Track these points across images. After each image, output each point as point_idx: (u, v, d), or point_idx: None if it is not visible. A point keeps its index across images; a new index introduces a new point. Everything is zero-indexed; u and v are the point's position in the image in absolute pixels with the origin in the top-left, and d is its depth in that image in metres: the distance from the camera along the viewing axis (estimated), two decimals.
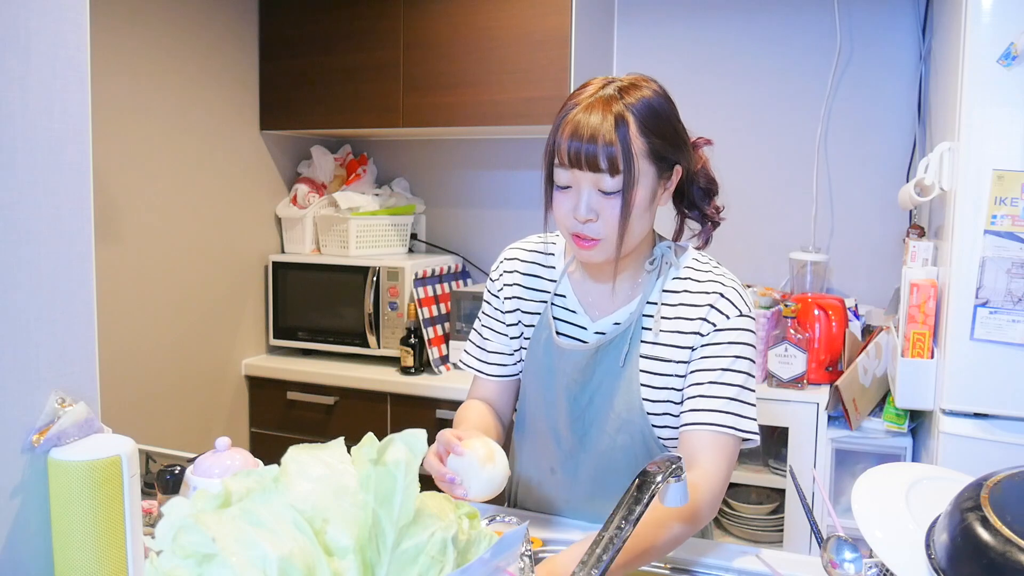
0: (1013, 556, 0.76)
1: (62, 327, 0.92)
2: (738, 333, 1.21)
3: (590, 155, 1.13)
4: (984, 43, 1.67)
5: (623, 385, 1.24)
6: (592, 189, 1.16)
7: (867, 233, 2.62)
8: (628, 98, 1.15)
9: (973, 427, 1.74)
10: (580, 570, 0.78)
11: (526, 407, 1.36)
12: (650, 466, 0.92)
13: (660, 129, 1.17)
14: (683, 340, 1.23)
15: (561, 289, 1.32)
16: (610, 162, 1.13)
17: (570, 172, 1.16)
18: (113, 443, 0.89)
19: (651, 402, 1.24)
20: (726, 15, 2.72)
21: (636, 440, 1.25)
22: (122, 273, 2.42)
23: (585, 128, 1.13)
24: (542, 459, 1.34)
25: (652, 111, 1.16)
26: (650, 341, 1.24)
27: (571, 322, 1.31)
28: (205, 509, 0.71)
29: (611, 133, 1.12)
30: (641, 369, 1.24)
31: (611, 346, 1.25)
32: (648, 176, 1.17)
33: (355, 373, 2.68)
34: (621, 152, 1.13)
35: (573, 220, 1.18)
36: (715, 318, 1.21)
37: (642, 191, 1.16)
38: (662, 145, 1.17)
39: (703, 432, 1.19)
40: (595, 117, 1.14)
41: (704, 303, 1.22)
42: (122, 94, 2.39)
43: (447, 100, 2.66)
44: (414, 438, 0.77)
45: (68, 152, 0.92)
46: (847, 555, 0.95)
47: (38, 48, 0.88)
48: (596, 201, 1.16)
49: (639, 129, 1.14)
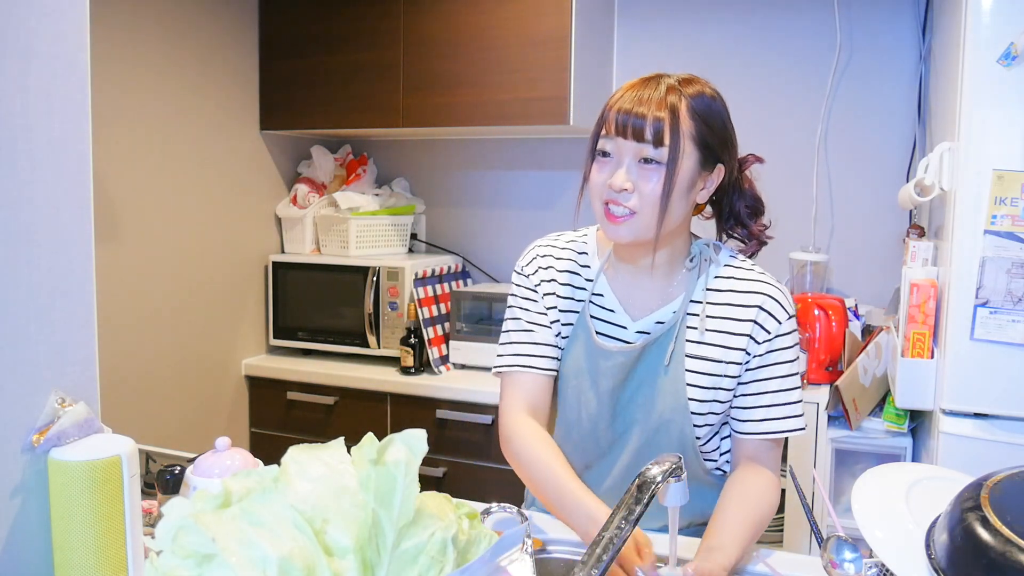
0: (1013, 556, 0.76)
1: (62, 327, 0.92)
2: (791, 336, 1.25)
3: (637, 125, 1.15)
4: (984, 43, 1.67)
5: (668, 385, 1.24)
6: (633, 160, 1.17)
7: (867, 233, 2.62)
8: (683, 85, 1.19)
9: (973, 427, 1.74)
10: (580, 570, 0.78)
11: (562, 409, 1.34)
12: (650, 466, 0.92)
13: (709, 118, 1.19)
14: (733, 341, 1.23)
15: (598, 288, 1.31)
16: (656, 134, 1.14)
17: (614, 141, 1.17)
18: (113, 443, 0.89)
19: (698, 402, 1.23)
20: (726, 15, 2.72)
21: (673, 439, 1.25)
22: (122, 273, 2.42)
23: (636, 100, 1.16)
24: (576, 457, 1.31)
25: (704, 100, 1.19)
26: (696, 340, 1.24)
27: (610, 321, 1.29)
28: (205, 509, 0.71)
29: (661, 107, 1.15)
30: (687, 369, 1.23)
31: (655, 345, 1.25)
32: (691, 159, 1.18)
33: (355, 373, 2.68)
34: (669, 125, 1.15)
35: (607, 189, 1.18)
36: (768, 324, 1.23)
37: (684, 171, 1.17)
38: (709, 133, 1.19)
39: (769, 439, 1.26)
40: (647, 90, 1.17)
41: (753, 304, 1.24)
42: (122, 94, 2.39)
43: (447, 100, 2.66)
44: (414, 438, 0.77)
45: (68, 152, 0.92)
46: (847, 555, 0.95)
47: (38, 48, 0.88)
48: (635, 170, 1.16)
49: (688, 111, 1.17)
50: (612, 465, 1.30)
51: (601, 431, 1.29)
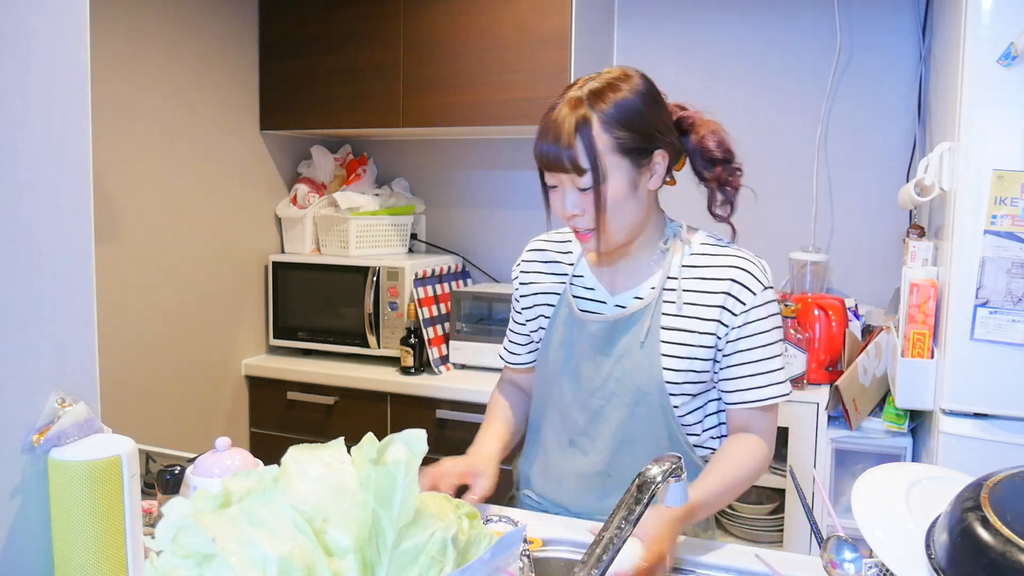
0: (1013, 556, 0.76)
1: (62, 327, 0.92)
2: (769, 307, 1.29)
3: (554, 157, 1.21)
4: (984, 43, 1.67)
5: (644, 359, 1.29)
6: (572, 187, 1.23)
7: (867, 233, 2.62)
8: (594, 98, 1.22)
9: (973, 427, 1.74)
10: (580, 570, 0.78)
11: (546, 384, 1.41)
12: (650, 466, 0.92)
13: (627, 122, 1.22)
14: (706, 313, 1.28)
15: (579, 270, 1.40)
16: (573, 163, 1.20)
17: (551, 174, 1.25)
18: (113, 443, 0.89)
19: (673, 371, 1.28)
20: (726, 15, 2.72)
21: (655, 413, 1.30)
22: (122, 273, 2.42)
23: (551, 133, 1.22)
24: (561, 432, 1.38)
25: (619, 109, 1.21)
26: (672, 314, 1.29)
27: (591, 299, 1.37)
28: (205, 509, 0.71)
29: (571, 136, 1.19)
30: (663, 340, 1.28)
31: (631, 320, 1.31)
32: (621, 169, 1.22)
33: (355, 373, 2.68)
34: (584, 152, 1.20)
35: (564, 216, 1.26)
36: (743, 296, 1.27)
37: (616, 184, 1.22)
38: (631, 137, 1.22)
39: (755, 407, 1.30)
40: (559, 121, 1.21)
41: (725, 277, 1.28)
42: (122, 94, 2.39)
43: (447, 100, 2.66)
44: (414, 438, 0.77)
45: (68, 152, 0.92)
46: (847, 555, 0.95)
47: (38, 48, 0.88)
48: (577, 198, 1.24)
49: (603, 127, 1.20)
50: (596, 441, 1.34)
51: (582, 403, 1.34)
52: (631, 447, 1.31)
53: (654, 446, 1.30)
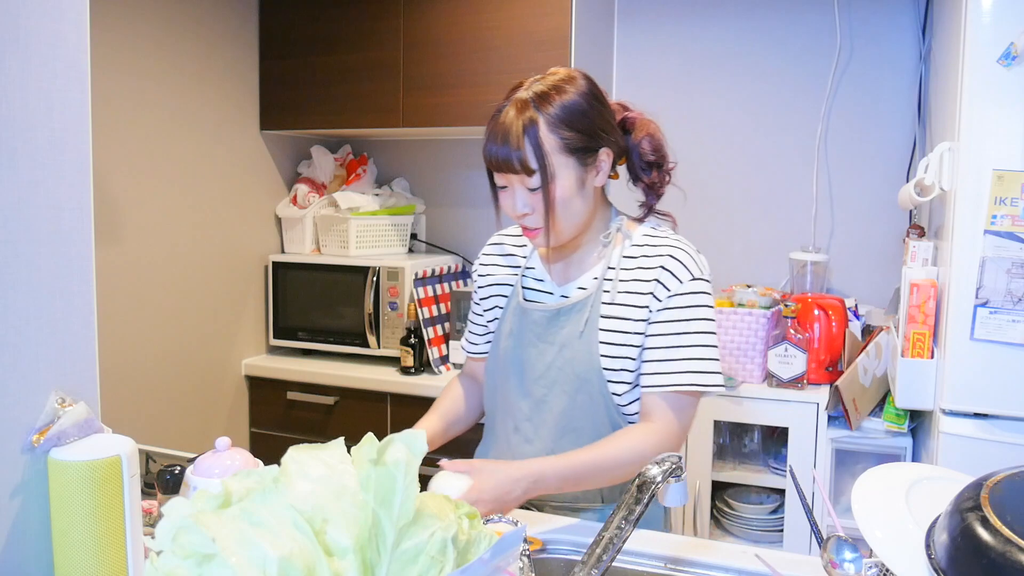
0: (1013, 556, 0.76)
1: (62, 327, 0.92)
2: (692, 296, 1.31)
3: (503, 159, 1.26)
4: (984, 43, 1.67)
5: (583, 347, 1.33)
6: (521, 187, 1.28)
7: (867, 233, 2.62)
8: (540, 100, 1.26)
9: (973, 427, 1.74)
10: (580, 570, 0.78)
11: (495, 371, 1.46)
12: (650, 466, 0.92)
13: (573, 124, 1.27)
14: (639, 300, 1.32)
15: (531, 262, 1.46)
16: (522, 164, 1.25)
17: (500, 175, 1.29)
18: (113, 443, 0.89)
19: (610, 358, 1.32)
20: (726, 15, 2.72)
21: (596, 400, 1.34)
22: (122, 273, 2.42)
23: (499, 134, 1.26)
24: (508, 419, 1.43)
25: (564, 110, 1.26)
26: (608, 303, 1.34)
27: (539, 289, 1.43)
28: (205, 509, 0.71)
29: (519, 138, 1.24)
30: (601, 328, 1.33)
31: (573, 310, 1.36)
32: (568, 168, 1.27)
33: (355, 373, 2.68)
34: (532, 153, 1.24)
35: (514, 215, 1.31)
36: (670, 282, 1.31)
37: (563, 182, 1.27)
38: (577, 138, 1.27)
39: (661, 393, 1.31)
40: (507, 123, 1.26)
41: (657, 265, 1.32)
42: (122, 94, 2.39)
43: (447, 100, 2.66)
44: (414, 438, 0.77)
45: (68, 152, 0.92)
46: (847, 555, 0.95)
47: (38, 48, 0.88)
48: (526, 197, 1.29)
49: (549, 128, 1.25)
50: (539, 428, 1.37)
51: (526, 390, 1.39)
52: (574, 434, 1.34)
53: (596, 433, 1.33)
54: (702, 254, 1.36)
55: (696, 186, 2.78)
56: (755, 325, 2.31)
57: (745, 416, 2.30)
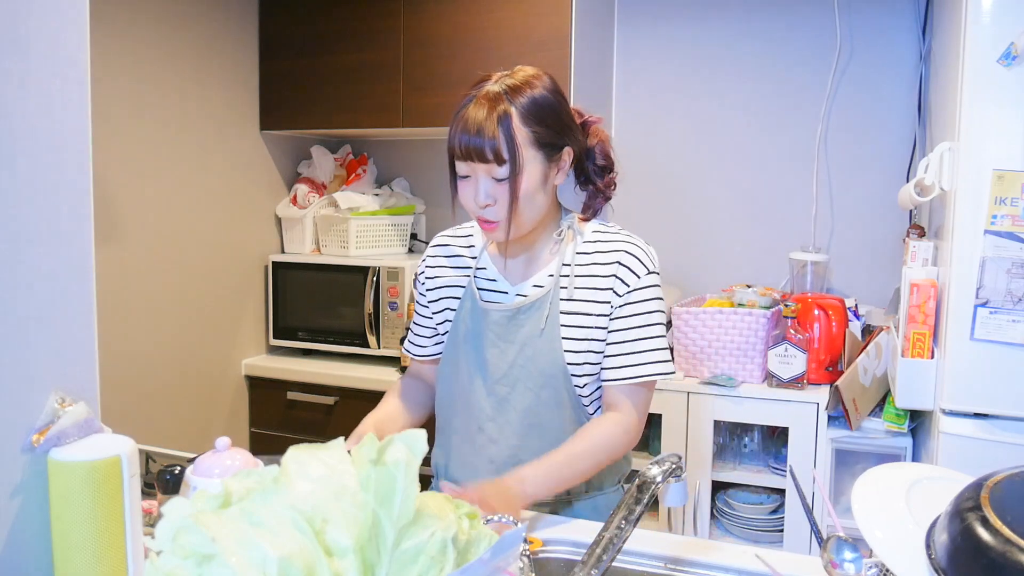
0: (1013, 556, 0.76)
1: (62, 327, 0.92)
2: (648, 291, 1.36)
3: (477, 148, 1.27)
4: (984, 43, 1.67)
5: (545, 344, 1.35)
6: (487, 177, 1.29)
7: (867, 233, 2.62)
8: (512, 93, 1.29)
9: (973, 427, 1.74)
10: (580, 570, 0.78)
11: (453, 373, 1.45)
12: (650, 466, 0.92)
13: (543, 119, 1.29)
14: (598, 295, 1.35)
15: (481, 263, 1.46)
16: (495, 153, 1.26)
17: (466, 164, 1.30)
18: (113, 443, 0.89)
19: (573, 353, 1.35)
20: (726, 15, 2.72)
21: (561, 395, 1.36)
22: (122, 273, 2.42)
23: (472, 124, 1.27)
24: (469, 420, 1.42)
25: (535, 104, 1.29)
26: (567, 299, 1.36)
27: (493, 289, 1.43)
28: (205, 509, 0.71)
29: (494, 127, 1.26)
30: (562, 324, 1.35)
31: (532, 308, 1.37)
32: (535, 162, 1.30)
33: (355, 373, 2.68)
34: (505, 143, 1.26)
35: (474, 206, 1.32)
36: (627, 278, 1.34)
37: (530, 175, 1.29)
38: (546, 133, 1.30)
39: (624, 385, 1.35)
40: (480, 113, 1.27)
41: (613, 260, 1.36)
42: (122, 94, 2.39)
43: (447, 100, 2.66)
44: (414, 438, 0.77)
45: (68, 152, 0.92)
46: (847, 555, 0.95)
47: (38, 48, 0.88)
48: (491, 188, 1.30)
49: (522, 121, 1.27)
50: (503, 428, 1.39)
51: (488, 390, 1.39)
52: (539, 430, 1.36)
53: (560, 427, 1.36)
54: (651, 246, 1.41)
55: (696, 186, 2.79)
56: (755, 325, 2.31)
57: (745, 416, 2.30)
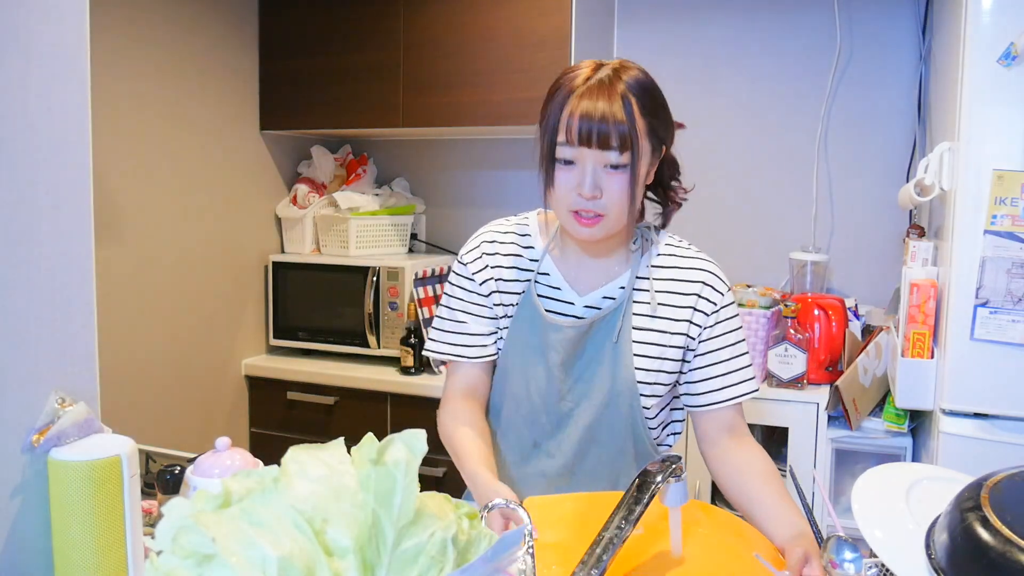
0: (1013, 556, 0.76)
1: (62, 327, 0.92)
2: (732, 308, 1.32)
3: (603, 133, 1.16)
4: (984, 43, 1.67)
5: (616, 359, 1.28)
6: (597, 166, 1.18)
7: (867, 233, 2.62)
8: (626, 78, 1.20)
9: (973, 427, 1.74)
10: (580, 570, 0.78)
11: (508, 386, 1.35)
12: (650, 466, 0.92)
13: (656, 109, 1.22)
14: (677, 314, 1.29)
15: (544, 268, 1.34)
16: (621, 140, 1.16)
17: (576, 150, 1.18)
18: (113, 443, 0.89)
19: (644, 371, 1.28)
20: (726, 15, 2.72)
21: (623, 413, 1.29)
22: (122, 273, 2.42)
23: (595, 109, 1.16)
24: (525, 435, 1.35)
25: (648, 92, 1.21)
26: (644, 314, 1.29)
27: (557, 299, 1.32)
28: (205, 509, 0.71)
29: (621, 112, 1.16)
30: (635, 340, 1.28)
31: (604, 321, 1.29)
32: (647, 154, 1.22)
33: (355, 373, 2.68)
34: (630, 130, 1.17)
35: (576, 197, 1.20)
36: (713, 297, 1.29)
37: (643, 167, 1.21)
38: (659, 124, 1.23)
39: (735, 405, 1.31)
40: (603, 98, 1.17)
41: (696, 280, 1.30)
42: (122, 94, 2.39)
43: (447, 100, 2.66)
44: (414, 438, 0.77)
45: (68, 152, 0.92)
46: (847, 555, 0.95)
47: (38, 48, 0.88)
48: (601, 177, 1.19)
49: (640, 109, 1.19)
50: (562, 443, 1.32)
51: (550, 407, 1.32)
52: (596, 446, 1.31)
53: (619, 445, 1.31)
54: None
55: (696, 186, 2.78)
56: (755, 325, 2.31)
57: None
